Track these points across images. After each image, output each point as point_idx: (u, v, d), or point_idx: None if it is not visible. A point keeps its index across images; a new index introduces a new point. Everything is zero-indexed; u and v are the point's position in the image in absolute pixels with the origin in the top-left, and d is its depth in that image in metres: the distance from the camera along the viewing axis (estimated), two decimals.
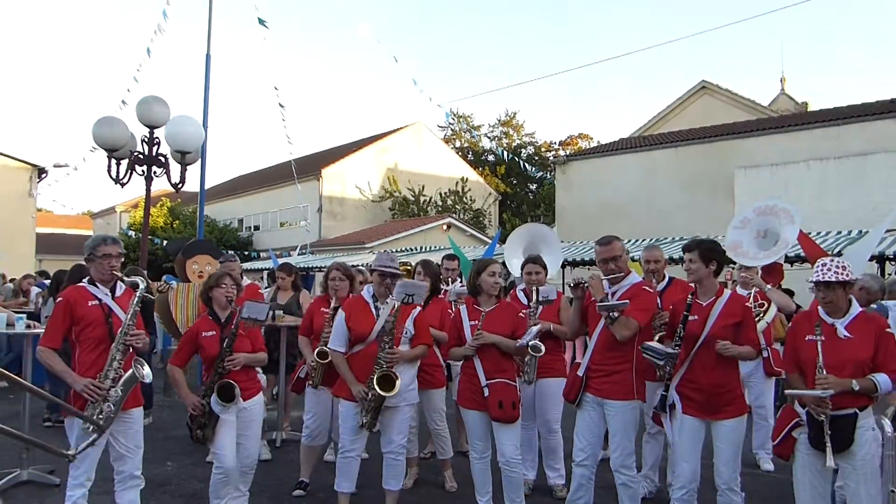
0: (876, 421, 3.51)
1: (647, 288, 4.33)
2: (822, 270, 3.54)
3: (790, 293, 6.76)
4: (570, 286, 4.33)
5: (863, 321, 3.54)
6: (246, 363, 4.44)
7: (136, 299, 3.95)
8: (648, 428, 5.17)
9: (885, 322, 3.60)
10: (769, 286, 5.50)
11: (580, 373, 4.25)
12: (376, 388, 4.20)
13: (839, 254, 8.30)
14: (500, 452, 4.40)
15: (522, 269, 5.37)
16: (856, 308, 3.59)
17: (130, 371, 3.79)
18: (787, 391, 3.67)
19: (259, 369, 5.34)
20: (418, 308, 4.59)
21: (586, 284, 4.24)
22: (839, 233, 11.58)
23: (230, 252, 10.25)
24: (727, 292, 4.08)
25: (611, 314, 4.02)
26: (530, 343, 4.43)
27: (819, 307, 3.65)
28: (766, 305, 5.71)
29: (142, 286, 4.03)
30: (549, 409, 5.12)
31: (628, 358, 4.14)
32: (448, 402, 5.53)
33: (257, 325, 4.55)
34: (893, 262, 8.98)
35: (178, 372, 4.52)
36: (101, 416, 3.71)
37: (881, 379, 3.37)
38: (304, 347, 5.45)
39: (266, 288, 8.86)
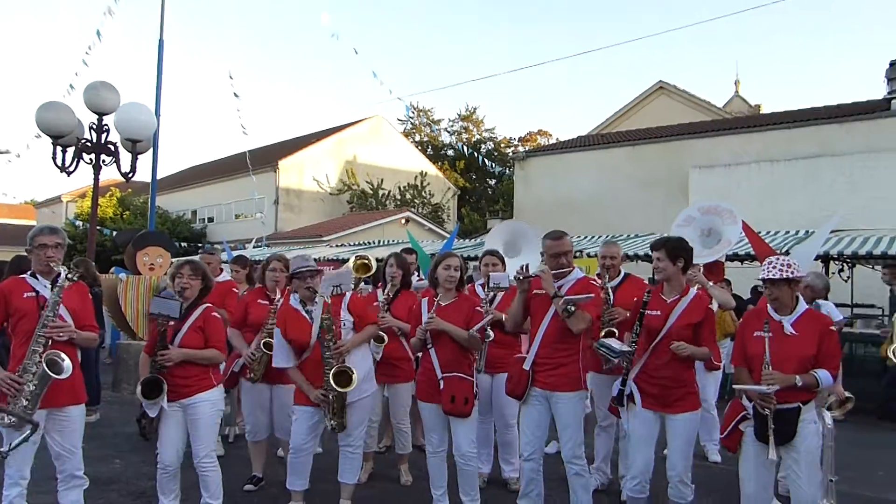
0: (817, 413, 3.65)
1: (593, 282, 4.43)
2: (768, 268, 3.67)
3: (727, 283, 6.96)
4: (516, 279, 4.32)
5: (808, 319, 3.66)
6: (187, 359, 4.12)
7: (58, 289, 3.74)
8: (600, 420, 5.23)
9: (829, 321, 3.74)
10: (711, 283, 5.63)
11: (526, 367, 4.25)
12: (334, 386, 4.15)
13: (786, 252, 8.55)
14: (455, 446, 4.41)
15: (481, 261, 5.39)
16: (802, 306, 3.71)
17: (41, 367, 3.56)
18: (734, 385, 3.80)
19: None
20: (348, 294, 4.55)
21: (532, 277, 4.25)
22: (787, 232, 11.96)
23: (215, 245, 10.01)
24: (693, 291, 4.14)
25: (568, 307, 4.05)
26: (481, 327, 4.41)
27: (768, 304, 3.76)
28: (709, 300, 5.85)
29: (63, 274, 3.77)
30: (506, 404, 5.11)
31: (575, 350, 4.20)
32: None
33: (171, 321, 4.12)
34: (837, 262, 9.29)
35: (145, 360, 4.27)
36: (14, 413, 3.51)
37: (822, 375, 3.52)
38: (235, 339, 5.25)
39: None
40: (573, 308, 4.05)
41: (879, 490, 5.55)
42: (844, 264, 11.02)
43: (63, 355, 3.64)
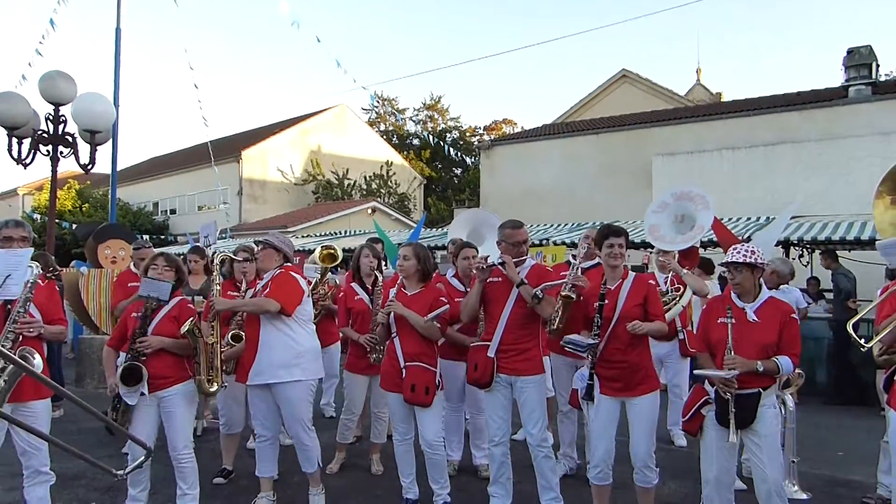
0: (778, 397, 3.74)
1: (548, 268, 4.55)
2: (732, 253, 3.76)
3: (710, 263, 7.05)
4: (478, 269, 4.35)
5: (770, 307, 3.76)
6: (163, 347, 4.13)
7: (30, 284, 3.70)
8: (561, 406, 5.30)
9: (790, 308, 3.83)
10: (685, 270, 5.70)
11: (490, 354, 4.28)
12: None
13: (748, 239, 8.73)
14: (420, 435, 4.45)
15: (457, 255, 5.39)
16: (765, 294, 3.80)
17: (12, 364, 3.50)
18: (696, 371, 3.87)
19: None
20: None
21: (493, 266, 4.28)
22: (749, 219, 12.18)
23: (144, 238, 9.85)
24: (631, 274, 4.20)
25: (537, 294, 4.10)
26: (436, 315, 4.44)
27: (731, 292, 3.84)
28: (682, 289, 5.93)
29: (35, 270, 3.74)
30: (477, 390, 5.14)
31: (536, 334, 4.32)
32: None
33: (160, 304, 4.17)
34: (797, 248, 9.52)
35: (110, 354, 4.33)
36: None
37: (783, 361, 3.62)
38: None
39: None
40: (542, 294, 4.11)
41: (840, 470, 5.68)
42: (804, 250, 11.29)
43: (34, 352, 3.58)
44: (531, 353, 4.27)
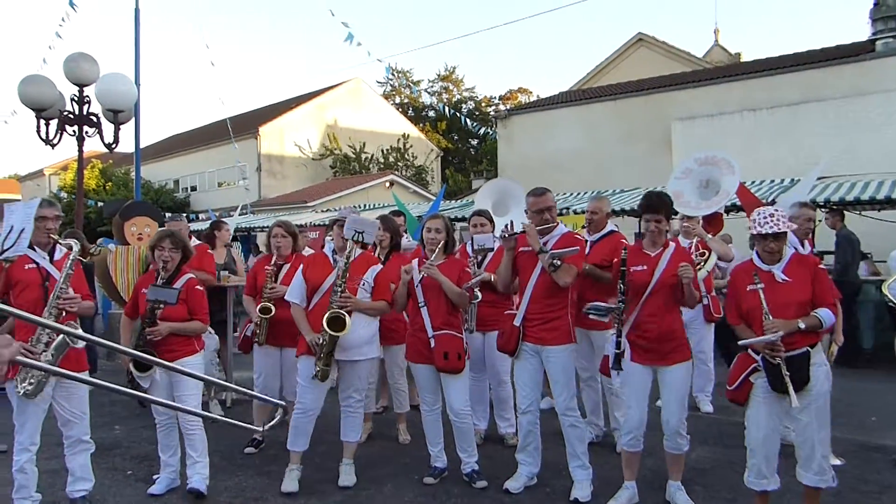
0: (825, 359, 3.67)
1: (578, 236, 4.49)
2: (772, 221, 3.61)
3: (727, 239, 6.99)
4: (502, 237, 4.35)
5: (796, 263, 3.68)
6: (173, 332, 4.24)
7: (70, 262, 3.86)
8: (581, 373, 5.31)
9: (816, 260, 3.78)
10: (710, 235, 5.66)
11: (516, 323, 4.32)
12: (326, 328, 4.15)
13: (773, 202, 8.61)
14: (448, 404, 4.50)
15: (469, 221, 5.41)
16: (788, 252, 3.73)
17: (60, 336, 3.65)
18: (739, 342, 3.76)
19: (210, 329, 5.28)
20: (380, 265, 4.59)
21: (518, 234, 4.29)
22: (772, 181, 11.96)
23: (182, 214, 10.00)
24: (672, 244, 4.18)
25: (554, 262, 4.10)
26: (472, 285, 4.47)
27: (754, 256, 3.78)
28: (707, 254, 5.90)
29: (75, 248, 3.91)
30: (498, 361, 5.19)
31: (564, 304, 4.29)
32: None
33: (167, 306, 4.24)
34: (824, 209, 9.36)
35: (126, 322, 4.45)
36: (31, 382, 3.64)
37: (823, 314, 3.53)
38: (249, 306, 5.47)
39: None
40: (559, 262, 4.12)
41: (874, 435, 5.58)
42: (832, 211, 11.07)
43: (77, 326, 3.76)
44: (558, 322, 4.26)
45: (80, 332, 3.23)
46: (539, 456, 4.47)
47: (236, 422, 2.71)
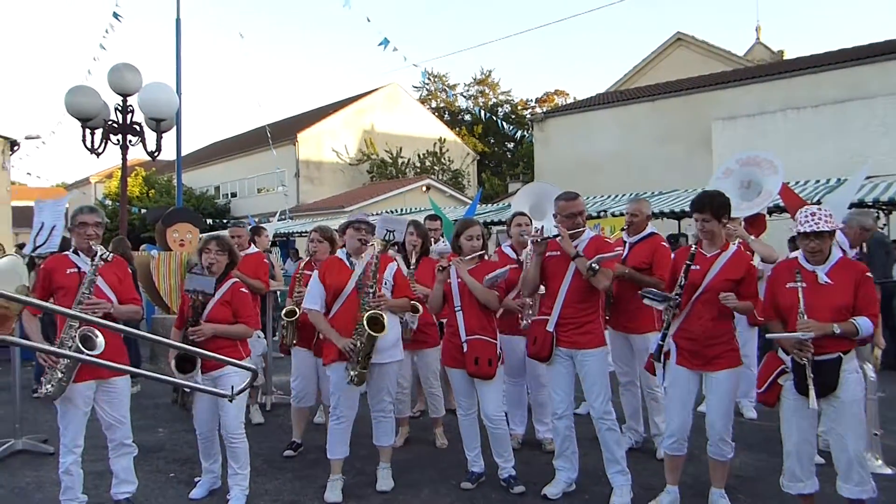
0: (858, 366, 3.56)
1: (608, 240, 4.48)
2: (813, 220, 3.52)
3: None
4: (534, 242, 4.32)
5: (843, 267, 3.57)
6: (217, 334, 4.19)
7: (93, 267, 3.86)
8: (620, 378, 5.24)
9: (863, 267, 3.63)
10: (752, 237, 5.54)
11: (550, 328, 4.27)
12: (367, 329, 4.15)
13: (818, 203, 8.38)
14: (482, 410, 4.46)
15: (510, 224, 5.38)
16: (836, 255, 3.62)
17: (76, 344, 3.62)
18: (767, 335, 3.71)
19: (259, 333, 5.31)
20: (395, 264, 4.60)
21: (549, 239, 4.25)
22: (818, 182, 11.68)
23: (244, 221, 10.24)
24: (733, 247, 4.07)
25: (593, 266, 4.06)
26: (494, 278, 4.40)
27: (800, 255, 3.69)
28: (750, 256, 5.76)
29: (100, 253, 3.90)
30: (538, 365, 5.14)
31: (596, 307, 4.28)
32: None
33: (206, 296, 4.20)
34: (873, 209, 9.08)
35: (176, 335, 4.36)
36: (52, 384, 3.68)
37: (862, 322, 3.41)
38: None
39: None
40: (598, 266, 4.07)
41: None
42: (880, 211, 10.75)
43: (97, 331, 3.70)
44: (591, 326, 4.23)
45: (104, 322, 3.16)
46: (577, 461, 4.41)
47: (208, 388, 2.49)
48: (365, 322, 4.17)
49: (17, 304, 2.16)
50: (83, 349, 3.61)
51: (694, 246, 4.05)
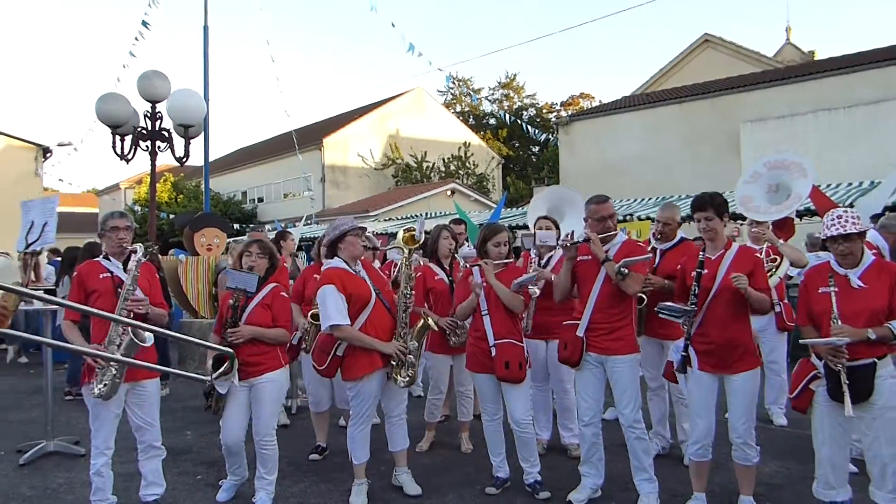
0: (894, 371, 3.47)
1: (640, 244, 4.39)
2: (839, 223, 3.47)
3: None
4: (563, 247, 4.29)
5: (876, 270, 3.50)
6: (255, 337, 4.17)
7: (136, 264, 3.97)
8: (650, 383, 5.19)
9: None
10: (781, 241, 5.45)
11: (580, 333, 4.24)
12: (430, 322, 4.38)
13: (851, 205, 8.23)
14: (509, 415, 4.44)
15: (534, 226, 5.36)
16: (868, 258, 3.55)
17: (129, 336, 3.72)
18: (801, 340, 3.63)
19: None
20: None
21: (579, 243, 4.22)
22: (850, 184, 11.46)
23: (265, 226, 10.37)
24: (735, 245, 4.04)
25: (622, 270, 4.02)
26: (522, 283, 4.38)
27: (832, 259, 3.63)
28: (779, 260, 5.68)
29: (139, 251, 4.02)
30: (562, 370, 5.10)
31: (628, 313, 4.21)
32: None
33: (248, 295, 4.17)
34: None
35: (215, 342, 4.30)
36: (105, 384, 3.77)
37: None
38: (296, 315, 5.31)
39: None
40: (626, 270, 4.03)
41: None
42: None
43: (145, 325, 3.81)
44: (622, 332, 4.17)
45: (147, 327, 3.24)
46: (603, 467, 4.37)
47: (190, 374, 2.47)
48: (420, 327, 4.35)
49: (13, 301, 2.26)
50: (137, 343, 3.68)
51: (702, 253, 3.99)
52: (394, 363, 4.34)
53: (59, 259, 10.64)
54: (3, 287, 1.71)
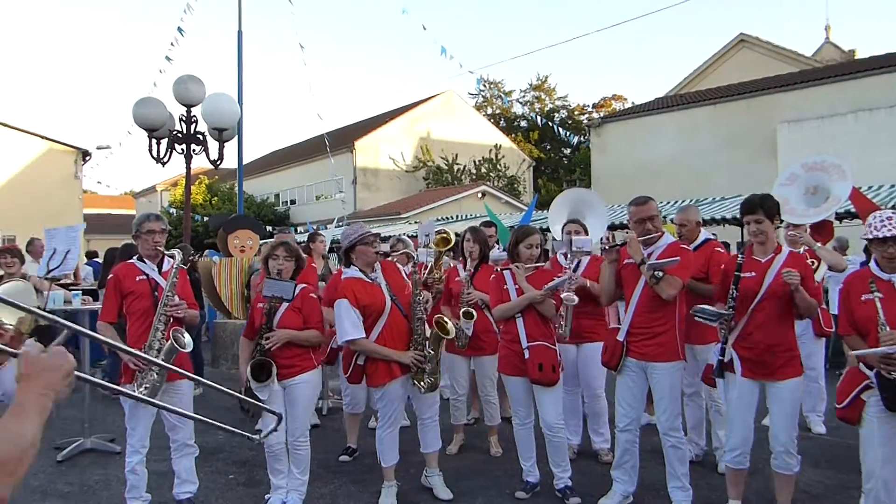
0: None
1: (685, 247, 4.26)
2: (890, 224, 3.35)
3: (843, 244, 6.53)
4: (603, 249, 4.22)
5: None
6: (289, 340, 4.17)
7: (175, 270, 4.06)
8: (685, 389, 5.09)
9: None
10: (819, 245, 5.33)
11: (620, 338, 4.18)
12: (441, 334, 4.29)
13: (894, 208, 8.01)
14: (541, 418, 4.40)
15: (563, 231, 5.33)
16: None
17: (170, 341, 3.82)
18: (851, 352, 3.51)
19: None
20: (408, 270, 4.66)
21: (620, 245, 4.16)
22: (892, 186, 11.17)
23: (289, 229, 10.52)
24: (786, 249, 3.92)
25: (655, 273, 3.95)
26: (553, 287, 4.34)
27: (872, 263, 3.52)
28: (816, 264, 5.55)
29: (178, 257, 4.11)
30: (592, 374, 5.07)
31: (671, 318, 4.08)
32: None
33: (284, 302, 4.20)
34: None
35: (245, 344, 4.34)
36: (147, 385, 3.85)
37: None
38: (329, 317, 5.38)
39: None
40: (661, 273, 3.95)
41: None
42: None
43: (184, 331, 3.94)
44: (664, 337, 4.06)
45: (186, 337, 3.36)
46: (636, 474, 4.30)
47: (233, 429, 2.39)
48: (437, 329, 4.29)
49: (28, 324, 2.32)
50: (177, 348, 3.77)
51: (741, 255, 3.90)
52: (413, 370, 4.35)
53: (98, 260, 10.89)
54: (23, 308, 1.75)
